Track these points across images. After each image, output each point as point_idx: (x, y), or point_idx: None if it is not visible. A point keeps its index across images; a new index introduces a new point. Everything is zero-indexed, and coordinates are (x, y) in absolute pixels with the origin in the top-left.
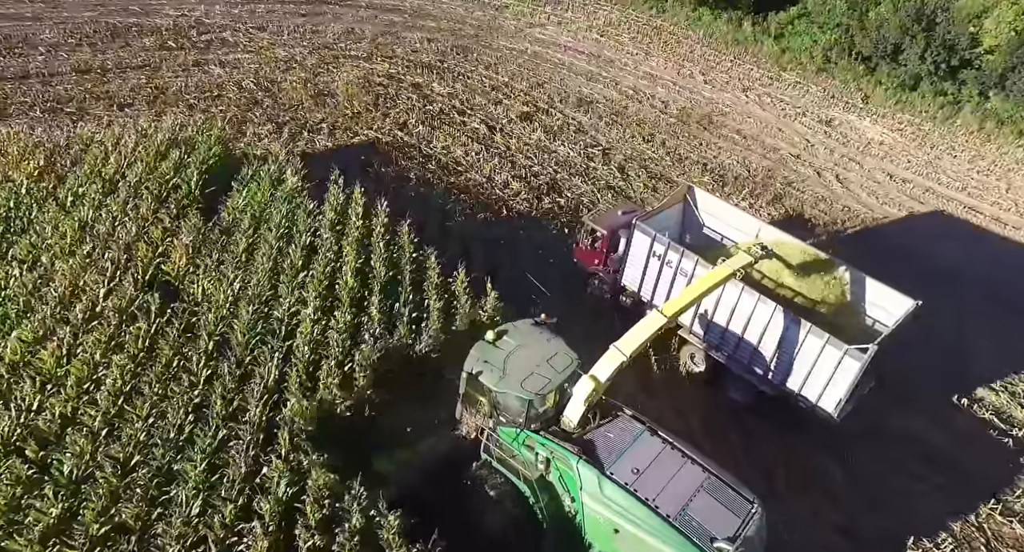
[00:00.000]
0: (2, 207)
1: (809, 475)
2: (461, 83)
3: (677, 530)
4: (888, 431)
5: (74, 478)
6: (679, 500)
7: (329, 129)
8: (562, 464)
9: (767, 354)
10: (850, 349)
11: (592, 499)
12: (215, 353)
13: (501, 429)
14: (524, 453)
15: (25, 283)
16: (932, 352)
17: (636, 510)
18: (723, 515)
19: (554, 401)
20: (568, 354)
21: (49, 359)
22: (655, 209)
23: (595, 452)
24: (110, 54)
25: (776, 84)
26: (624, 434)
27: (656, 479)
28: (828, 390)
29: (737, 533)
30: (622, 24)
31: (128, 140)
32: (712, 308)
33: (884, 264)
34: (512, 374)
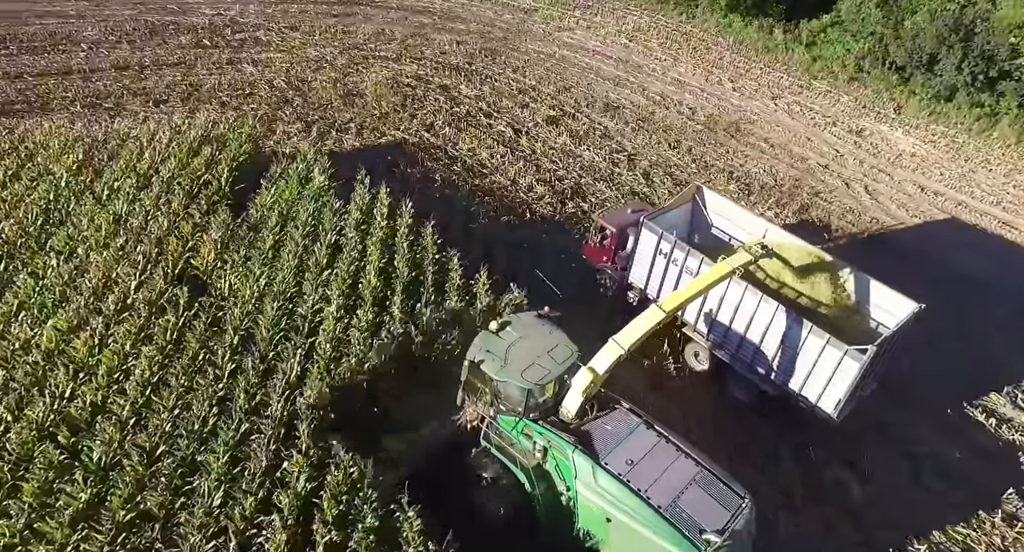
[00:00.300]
0: (43, 199)
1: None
2: (488, 85)
3: (667, 521)
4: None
5: (103, 465)
6: (671, 492)
7: (357, 129)
8: (559, 453)
9: (769, 354)
10: (850, 350)
11: (586, 488)
12: (239, 348)
13: (501, 417)
14: (522, 441)
15: (62, 273)
16: (960, 362)
17: (628, 500)
18: (713, 508)
19: (553, 392)
20: (568, 346)
21: (82, 348)
22: (663, 208)
23: (591, 442)
24: (148, 51)
25: (806, 93)
26: (620, 426)
27: (649, 471)
28: (828, 390)
29: (726, 526)
30: (651, 29)
31: (162, 136)
32: (716, 306)
33: (911, 275)
34: (513, 364)
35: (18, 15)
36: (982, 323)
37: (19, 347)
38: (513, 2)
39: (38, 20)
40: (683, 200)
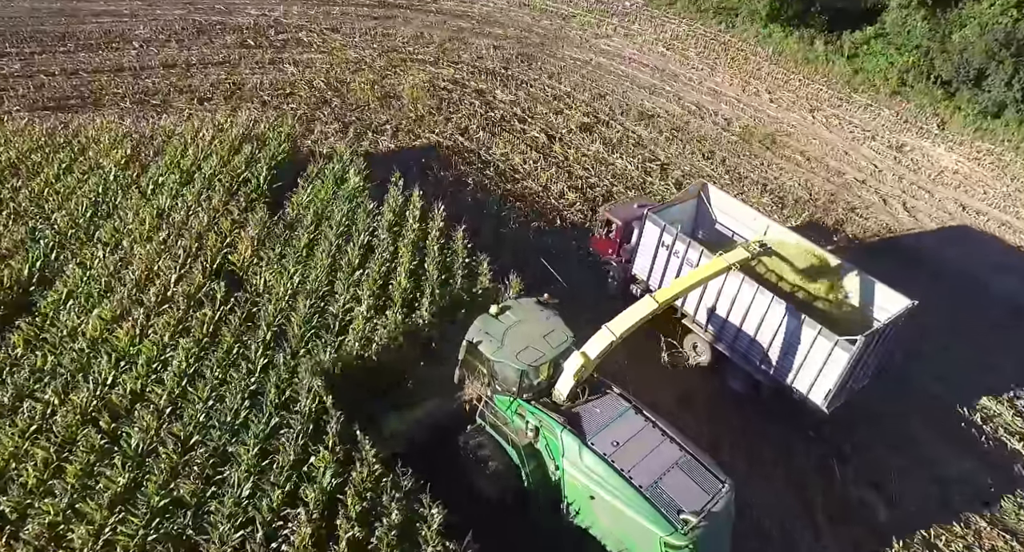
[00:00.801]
0: (93, 192)
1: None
2: (524, 91)
3: (647, 500)
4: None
5: (140, 451)
6: (653, 474)
7: (393, 131)
8: (548, 433)
9: (764, 344)
10: (840, 340)
11: (572, 466)
12: (272, 343)
13: (497, 397)
14: (516, 421)
15: (108, 265)
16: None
17: (611, 479)
18: (693, 491)
19: (548, 374)
20: (564, 332)
21: (124, 338)
22: (668, 202)
23: (580, 424)
24: (194, 50)
25: (846, 106)
26: (610, 410)
27: (634, 453)
28: (819, 381)
29: (704, 508)
30: (689, 38)
31: (206, 134)
32: (714, 298)
33: (945, 296)
34: (509, 346)
35: (77, 13)
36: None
37: (67, 334)
38: (551, 8)
39: (95, 19)
40: (688, 196)
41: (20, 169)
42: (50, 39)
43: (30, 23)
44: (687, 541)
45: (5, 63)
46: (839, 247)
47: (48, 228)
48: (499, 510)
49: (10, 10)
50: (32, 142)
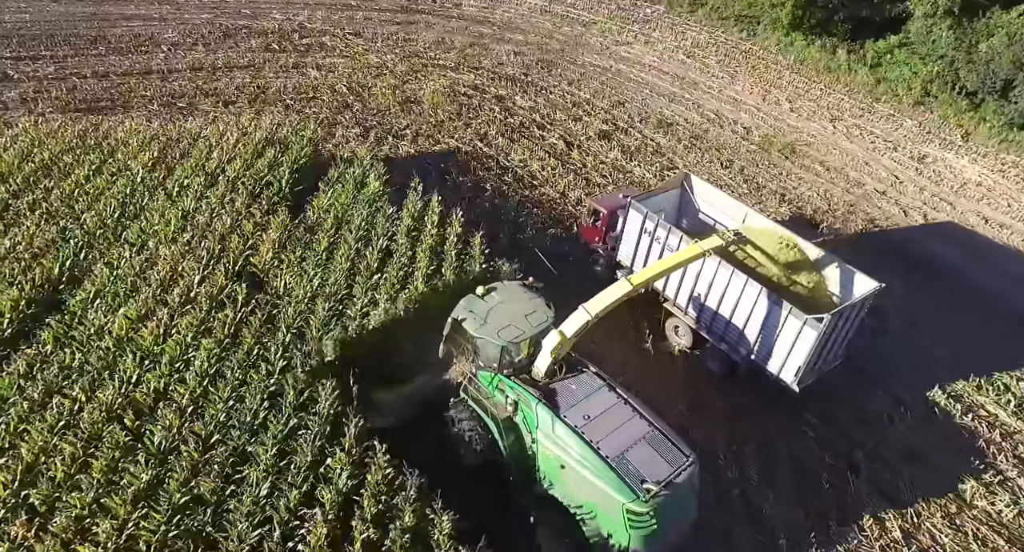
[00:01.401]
0: (121, 193)
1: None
2: (543, 97)
3: (613, 470)
4: None
5: (162, 449)
6: (620, 446)
7: (413, 135)
8: (525, 406)
9: (739, 325)
10: (809, 319)
11: (545, 437)
12: (291, 345)
13: (481, 373)
14: (497, 395)
15: (134, 265)
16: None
17: (580, 449)
18: (658, 463)
19: (528, 352)
20: (545, 312)
21: (148, 337)
22: (651, 191)
23: (555, 398)
24: (220, 54)
25: (867, 116)
26: (584, 387)
27: (603, 426)
28: (789, 359)
29: (666, 479)
30: (710, 46)
31: (230, 137)
32: (693, 281)
33: (963, 309)
34: (491, 323)
35: (108, 17)
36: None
37: (94, 332)
38: (572, 15)
39: (125, 22)
40: (671, 185)
41: (52, 170)
42: (83, 43)
43: (64, 27)
44: (648, 508)
45: (40, 66)
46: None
47: (78, 228)
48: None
49: (46, 14)
50: (64, 144)
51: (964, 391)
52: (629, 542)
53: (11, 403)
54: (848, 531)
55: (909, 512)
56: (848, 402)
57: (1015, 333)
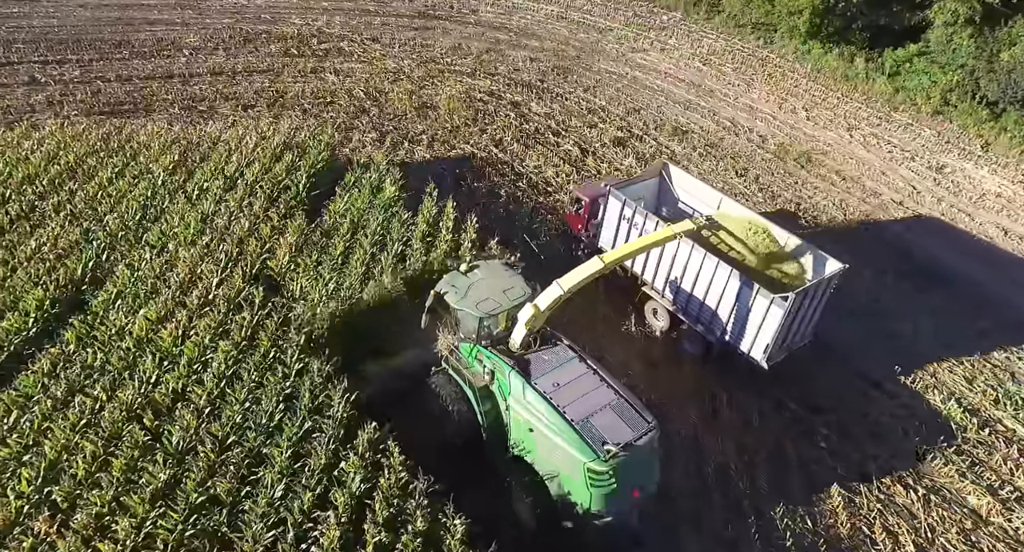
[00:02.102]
0: (142, 196)
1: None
2: (559, 104)
3: (577, 432)
4: None
5: (180, 449)
6: (586, 411)
7: (429, 141)
8: (500, 374)
9: (712, 306)
10: (775, 298)
11: (517, 403)
12: (307, 348)
13: (462, 345)
14: (475, 365)
15: (154, 267)
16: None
17: (549, 414)
18: (620, 427)
19: (506, 325)
20: (523, 288)
21: (168, 338)
22: (631, 179)
23: (528, 367)
24: (240, 58)
25: (885, 125)
26: (556, 358)
27: (571, 393)
28: (758, 338)
29: (627, 441)
30: (726, 54)
31: (249, 141)
32: (669, 265)
33: (984, 323)
34: (471, 297)
35: (133, 21)
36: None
37: (115, 333)
38: (589, 21)
39: (149, 27)
40: (650, 174)
41: (77, 172)
42: (108, 47)
43: (90, 31)
44: (608, 468)
45: (66, 70)
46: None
47: (100, 230)
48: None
49: (73, 19)
50: (88, 146)
51: (981, 405)
52: (591, 501)
53: (35, 401)
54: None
55: (923, 527)
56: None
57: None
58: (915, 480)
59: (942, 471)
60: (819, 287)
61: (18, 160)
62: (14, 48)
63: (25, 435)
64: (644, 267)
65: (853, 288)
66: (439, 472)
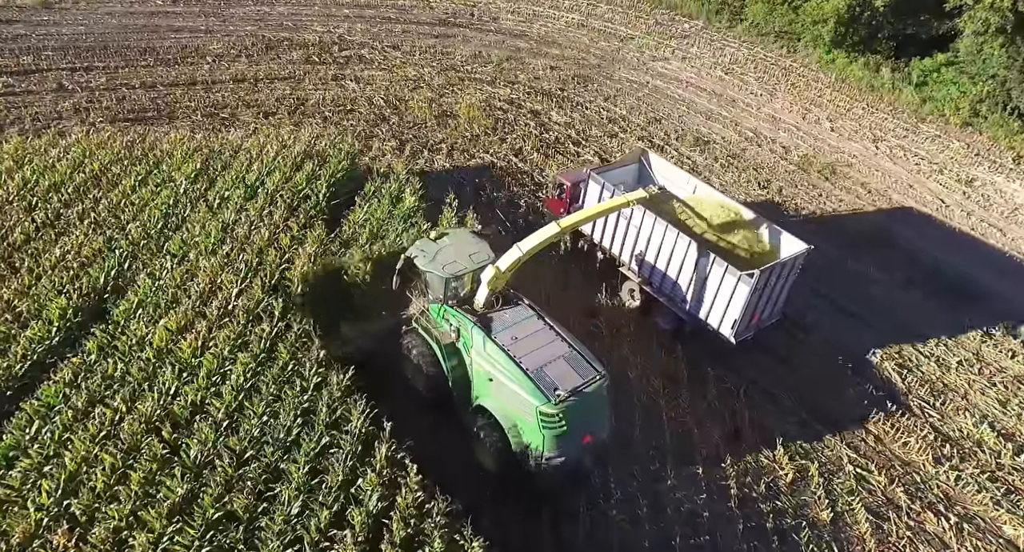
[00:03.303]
0: (164, 204)
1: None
2: (579, 113)
3: (531, 380)
4: None
5: (198, 463)
6: (540, 361)
7: (448, 150)
8: (464, 331)
9: (684, 285)
10: (742, 275)
11: (478, 355)
12: (324, 362)
13: (432, 306)
14: (443, 324)
15: (175, 276)
16: None
17: (506, 364)
18: (571, 376)
19: (471, 286)
20: (487, 252)
21: (187, 350)
22: (611, 164)
23: (490, 324)
24: (262, 66)
25: (912, 136)
26: (516, 316)
27: (527, 345)
28: (726, 314)
29: (575, 387)
30: (748, 63)
31: (270, 149)
32: (645, 245)
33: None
34: (438, 260)
35: (158, 29)
36: None
37: (135, 343)
38: (609, 29)
39: (174, 34)
40: (630, 160)
41: (101, 180)
42: (133, 54)
43: (117, 39)
44: (557, 410)
45: (93, 77)
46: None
47: (123, 238)
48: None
49: (101, 26)
50: (113, 154)
51: (1016, 429)
52: (544, 443)
53: (57, 411)
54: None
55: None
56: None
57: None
58: (946, 507)
59: (975, 498)
60: (785, 266)
61: (45, 168)
62: (43, 55)
63: (46, 446)
64: (622, 248)
65: (881, 303)
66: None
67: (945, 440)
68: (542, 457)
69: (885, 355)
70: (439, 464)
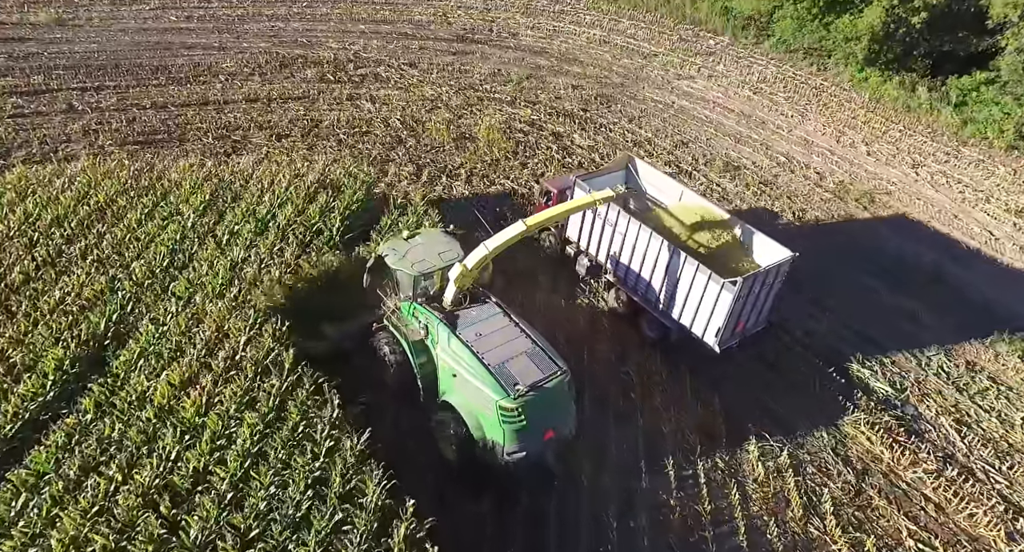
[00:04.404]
0: (171, 240)
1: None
2: (603, 135)
3: (492, 375)
4: None
5: (198, 543)
6: (502, 357)
7: (467, 175)
8: (432, 327)
9: (668, 292)
10: (725, 283)
11: (443, 351)
12: (339, 422)
13: (403, 304)
14: (412, 321)
15: (180, 322)
16: None
17: (469, 360)
18: (532, 371)
19: (441, 284)
20: (456, 251)
21: (190, 408)
22: (597, 171)
23: (456, 321)
24: (276, 84)
25: (954, 161)
26: (483, 313)
27: (491, 342)
28: (710, 322)
29: (535, 382)
30: (777, 81)
31: (283, 179)
32: (629, 255)
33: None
34: (408, 258)
35: (171, 46)
36: None
37: (135, 399)
38: (632, 46)
39: (187, 51)
40: (616, 167)
41: (106, 213)
42: (145, 72)
43: (129, 56)
44: (516, 405)
45: (103, 97)
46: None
47: (126, 278)
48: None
49: (113, 44)
50: (119, 185)
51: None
52: (504, 437)
53: (47, 481)
54: None
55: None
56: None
57: None
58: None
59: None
60: (769, 274)
61: (48, 200)
62: (54, 74)
63: (32, 524)
64: (607, 260)
65: (930, 343)
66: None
67: (1018, 512)
68: (503, 452)
69: (940, 409)
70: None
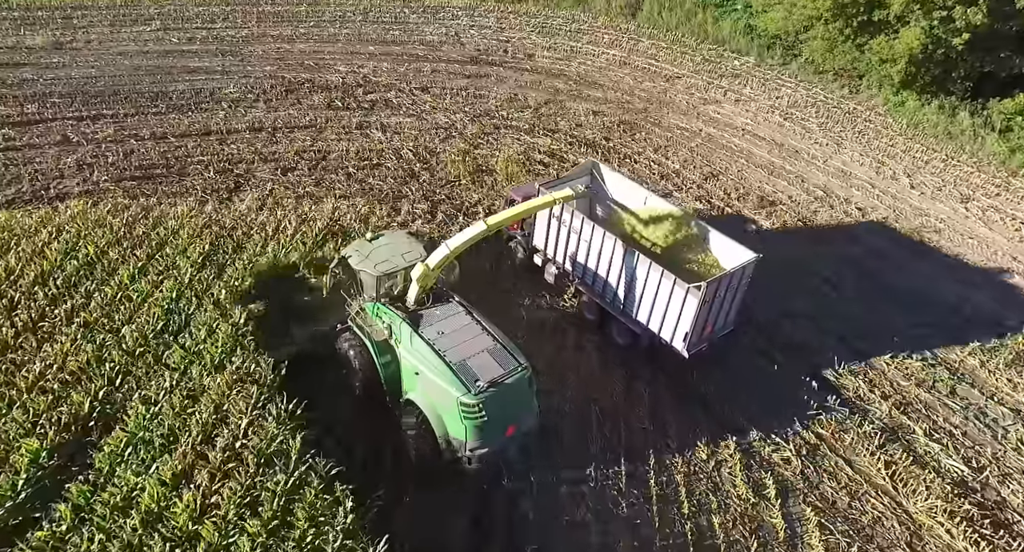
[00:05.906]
0: (166, 300)
1: None
2: (627, 167)
3: (453, 372)
4: None
5: None
6: (464, 354)
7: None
8: (395, 327)
9: (635, 299)
10: (690, 287)
11: (406, 350)
12: (354, 527)
13: (368, 304)
14: (377, 322)
15: (173, 402)
16: None
17: (431, 357)
18: (494, 368)
19: (405, 284)
20: (419, 252)
21: (183, 513)
22: (561, 179)
23: (419, 320)
24: (281, 112)
25: (1004, 195)
26: (446, 312)
27: (453, 340)
28: (678, 326)
29: (495, 378)
30: (808, 106)
31: (288, 225)
32: (595, 262)
33: None
34: (371, 259)
35: (172, 70)
36: None
37: (120, 500)
38: (654, 67)
39: (188, 76)
40: (580, 173)
41: (96, 268)
42: (144, 100)
43: (128, 82)
44: (477, 400)
45: (100, 127)
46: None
47: (115, 346)
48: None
49: (112, 69)
50: (111, 235)
51: None
52: (466, 433)
53: None
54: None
55: None
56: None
57: None
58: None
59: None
60: (733, 276)
61: (33, 254)
62: (49, 103)
63: None
64: (574, 264)
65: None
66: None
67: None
68: (466, 448)
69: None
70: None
